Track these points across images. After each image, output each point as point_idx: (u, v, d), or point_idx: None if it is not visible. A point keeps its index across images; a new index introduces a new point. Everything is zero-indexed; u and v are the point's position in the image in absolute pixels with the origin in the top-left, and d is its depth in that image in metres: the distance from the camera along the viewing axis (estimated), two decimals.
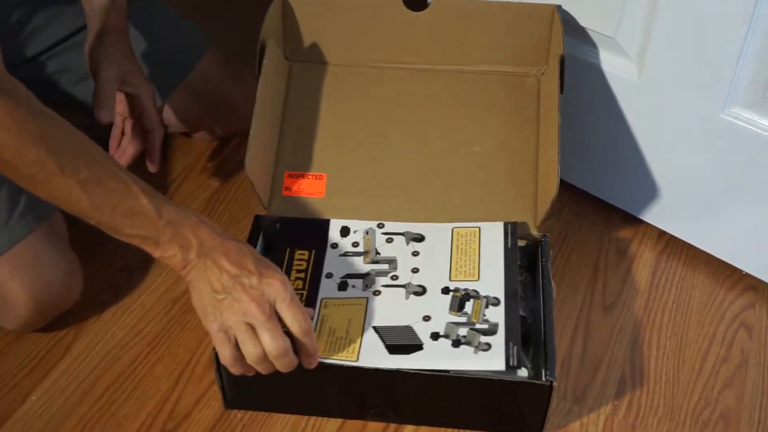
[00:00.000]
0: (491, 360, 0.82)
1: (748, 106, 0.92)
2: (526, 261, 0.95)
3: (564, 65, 0.95)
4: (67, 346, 0.96)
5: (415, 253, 0.93)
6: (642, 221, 1.09)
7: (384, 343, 0.84)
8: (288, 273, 0.91)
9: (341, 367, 0.82)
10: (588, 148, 1.07)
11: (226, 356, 0.77)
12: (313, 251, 0.94)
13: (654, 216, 1.08)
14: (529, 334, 0.87)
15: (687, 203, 1.03)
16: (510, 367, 0.81)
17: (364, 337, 0.85)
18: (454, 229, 0.95)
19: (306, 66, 1.05)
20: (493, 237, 0.93)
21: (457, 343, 0.84)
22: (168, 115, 1.13)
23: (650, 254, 1.07)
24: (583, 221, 1.11)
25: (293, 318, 0.77)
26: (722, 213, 1.01)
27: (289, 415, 0.89)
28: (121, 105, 1.00)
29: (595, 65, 1.01)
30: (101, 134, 1.15)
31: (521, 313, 0.88)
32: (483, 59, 1.03)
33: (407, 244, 0.94)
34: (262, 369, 0.78)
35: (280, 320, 0.77)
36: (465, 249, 0.93)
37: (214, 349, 0.82)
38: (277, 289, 0.76)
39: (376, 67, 1.04)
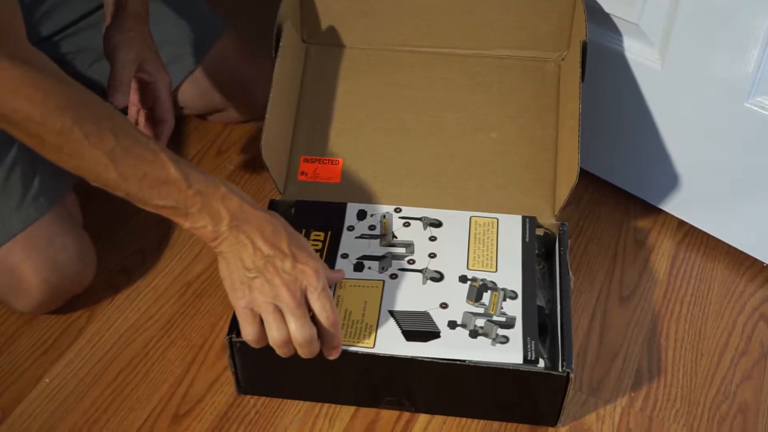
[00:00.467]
0: (509, 353, 0.81)
1: None
2: (543, 250, 0.94)
3: (586, 52, 0.93)
4: (80, 328, 0.95)
5: (433, 239, 0.92)
6: (661, 211, 1.08)
7: (401, 329, 0.83)
8: None
9: (357, 354, 0.81)
10: (608, 136, 1.06)
11: (249, 334, 0.77)
12: (329, 232, 0.93)
13: (674, 206, 1.06)
14: (545, 324, 0.86)
15: (708, 193, 1.02)
16: (528, 361, 0.80)
17: (381, 321, 0.84)
18: (472, 218, 0.94)
19: (323, 49, 1.04)
20: (510, 230, 0.92)
21: (474, 334, 0.83)
22: (183, 97, 1.12)
23: (669, 244, 1.06)
24: (602, 210, 1.10)
25: (322, 308, 0.76)
26: (744, 203, 0.99)
27: (303, 402, 0.88)
28: (134, 95, 0.98)
29: (616, 52, 0.99)
30: None
31: (538, 303, 0.87)
32: (502, 43, 1.02)
33: (424, 229, 0.93)
34: (283, 352, 0.77)
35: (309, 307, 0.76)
36: (483, 239, 0.92)
37: (227, 334, 0.82)
38: (310, 277, 0.75)
39: (393, 51, 1.02)
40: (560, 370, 0.80)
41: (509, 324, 0.84)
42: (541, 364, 0.81)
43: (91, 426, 0.87)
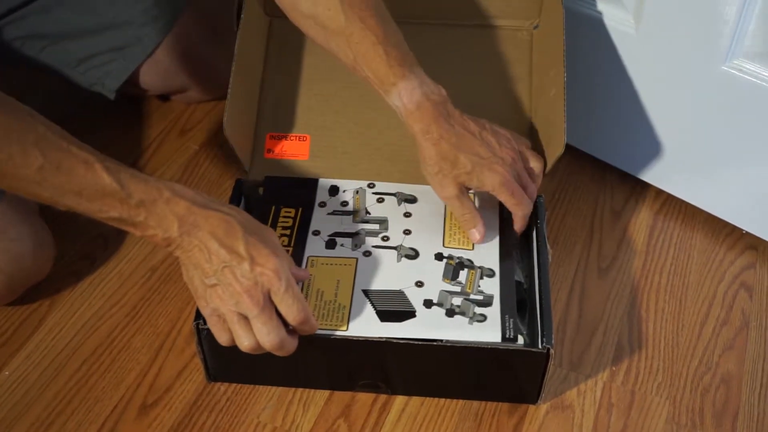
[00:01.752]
0: (487, 331, 0.79)
1: (751, 58, 0.88)
2: None
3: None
4: (41, 318, 0.92)
5: (407, 215, 0.89)
6: (639, 180, 1.06)
7: (375, 309, 0.80)
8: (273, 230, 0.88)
9: (330, 338, 0.78)
10: (583, 104, 1.03)
11: (221, 339, 0.75)
12: (300, 209, 0.89)
13: (651, 175, 1.04)
14: (524, 300, 0.84)
15: (686, 160, 1.00)
16: (506, 339, 0.78)
17: (354, 301, 0.81)
18: None
19: (287, 21, 0.98)
20: (488, 205, 0.89)
21: (451, 313, 0.80)
22: (144, 79, 1.07)
23: (647, 214, 1.04)
24: (578, 181, 1.07)
25: (288, 309, 0.73)
26: (722, 170, 0.97)
27: (275, 387, 0.85)
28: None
29: (589, 16, 0.97)
30: (77, 98, 1.10)
31: (516, 278, 0.84)
32: (473, 13, 0.98)
33: (399, 204, 0.90)
34: (258, 353, 0.75)
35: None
36: None
37: (195, 320, 0.79)
38: (270, 279, 0.71)
39: None
40: (540, 346, 0.78)
41: (487, 302, 0.81)
42: (521, 341, 0.79)
43: (55, 419, 0.83)
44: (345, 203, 0.91)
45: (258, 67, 0.98)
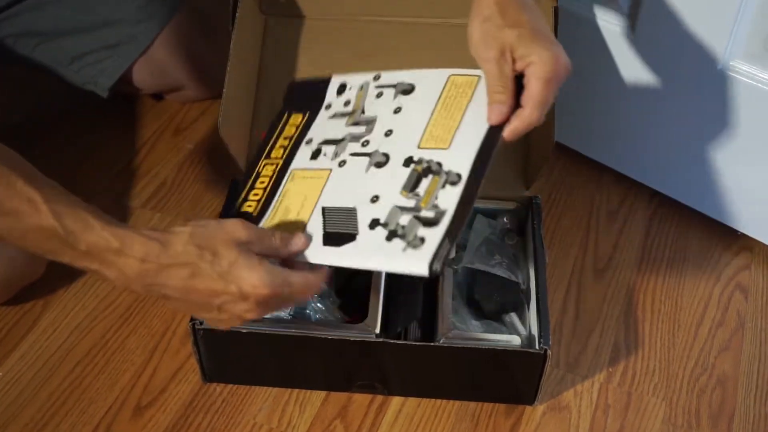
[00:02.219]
0: (415, 261, 0.66)
1: (748, 59, 0.88)
2: (516, 223, 0.91)
3: (558, 17, 0.90)
4: (34, 318, 0.91)
5: (397, 110, 0.78)
6: (635, 181, 1.06)
7: (324, 230, 0.72)
8: (276, 140, 0.82)
9: (327, 339, 0.78)
10: (579, 106, 1.03)
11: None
12: (307, 114, 0.83)
13: (647, 176, 1.04)
14: (521, 300, 0.84)
15: (681, 162, 1.00)
16: (433, 272, 0.66)
17: (311, 220, 0.73)
18: (451, 77, 0.78)
19: (283, 20, 0.99)
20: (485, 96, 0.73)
21: (392, 235, 0.69)
22: (137, 77, 1.07)
23: (643, 215, 1.04)
24: (574, 182, 1.07)
25: (303, 299, 0.68)
26: (718, 171, 0.97)
27: (271, 388, 0.85)
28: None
29: (586, 18, 0.97)
30: (74, 97, 1.10)
31: (513, 279, 0.84)
32: (468, 11, 0.98)
33: (394, 98, 0.79)
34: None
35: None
36: (451, 104, 0.76)
37: (190, 321, 0.78)
38: (261, 295, 0.65)
39: (356, 21, 0.99)
40: (537, 347, 0.77)
41: (435, 220, 0.68)
42: (518, 341, 0.79)
43: (49, 420, 0.83)
44: (347, 103, 0.81)
45: (253, 65, 0.97)
